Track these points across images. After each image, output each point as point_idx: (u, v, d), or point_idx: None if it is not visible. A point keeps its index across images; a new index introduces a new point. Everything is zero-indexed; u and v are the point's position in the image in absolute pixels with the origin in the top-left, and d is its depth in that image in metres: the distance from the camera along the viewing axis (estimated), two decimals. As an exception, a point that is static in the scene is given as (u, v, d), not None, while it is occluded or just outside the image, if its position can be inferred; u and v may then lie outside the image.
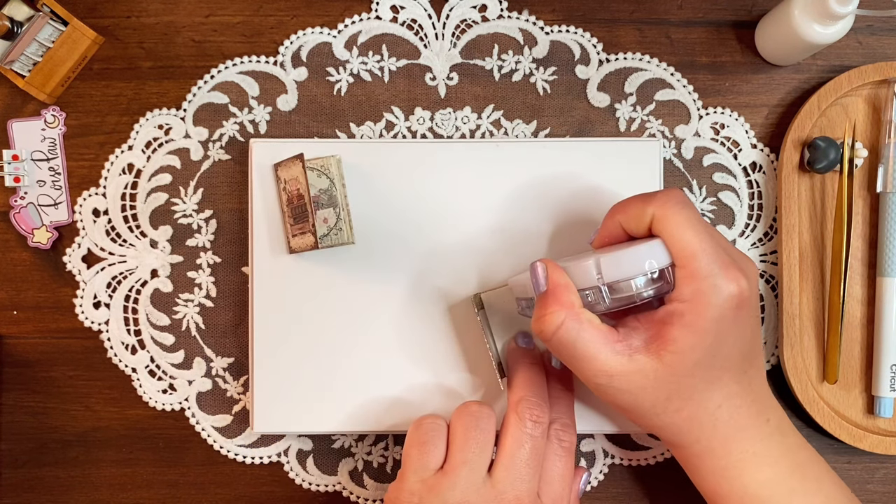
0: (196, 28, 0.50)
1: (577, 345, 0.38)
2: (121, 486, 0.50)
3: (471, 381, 0.48)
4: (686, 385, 0.38)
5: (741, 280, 0.38)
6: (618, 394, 0.39)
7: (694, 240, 0.38)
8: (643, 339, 0.39)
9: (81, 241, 0.50)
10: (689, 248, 0.37)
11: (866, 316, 0.50)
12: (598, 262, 0.38)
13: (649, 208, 0.39)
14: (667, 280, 0.38)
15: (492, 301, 0.46)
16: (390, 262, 0.48)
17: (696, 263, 0.37)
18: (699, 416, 0.39)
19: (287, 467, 0.50)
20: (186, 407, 0.50)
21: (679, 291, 0.38)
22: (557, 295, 0.39)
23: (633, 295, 0.38)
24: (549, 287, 0.39)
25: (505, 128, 0.50)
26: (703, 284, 0.37)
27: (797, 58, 0.49)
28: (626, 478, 0.51)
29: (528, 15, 0.50)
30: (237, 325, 0.50)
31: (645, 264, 0.38)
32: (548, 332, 0.39)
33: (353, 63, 0.50)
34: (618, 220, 0.41)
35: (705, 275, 0.37)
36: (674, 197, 0.39)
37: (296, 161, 0.46)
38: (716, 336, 0.38)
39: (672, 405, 0.39)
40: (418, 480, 0.41)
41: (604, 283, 0.38)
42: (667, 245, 0.38)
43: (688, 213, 0.38)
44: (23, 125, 0.50)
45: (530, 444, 0.41)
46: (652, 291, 0.38)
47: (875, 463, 0.51)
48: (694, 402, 0.39)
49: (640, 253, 0.38)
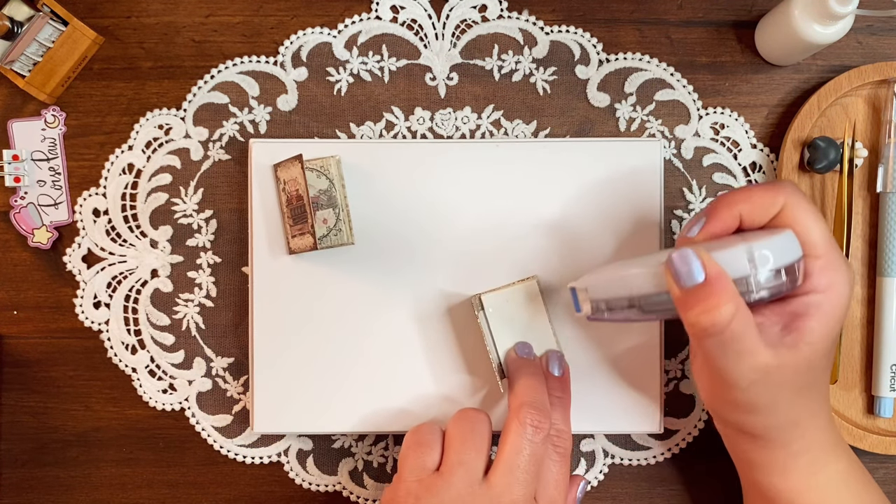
0: (196, 28, 0.50)
1: (744, 338, 0.36)
2: (121, 486, 0.50)
3: (471, 382, 0.48)
4: (815, 377, 0.39)
5: (851, 270, 0.39)
6: (765, 391, 0.38)
7: (826, 231, 0.39)
8: (777, 332, 0.38)
9: (81, 241, 0.50)
10: (823, 239, 0.38)
11: (866, 316, 0.50)
12: (750, 250, 0.36)
13: (780, 198, 0.39)
14: (796, 273, 0.38)
15: (493, 302, 0.46)
16: (390, 263, 0.48)
17: (832, 254, 0.38)
18: (818, 409, 0.40)
19: (287, 467, 0.50)
20: (186, 407, 0.50)
21: (814, 282, 0.38)
22: (723, 284, 0.36)
23: (782, 284, 0.36)
24: (709, 275, 0.36)
25: (505, 128, 0.50)
26: (837, 275, 0.38)
27: (797, 58, 0.49)
28: (626, 478, 0.51)
29: (528, 15, 0.50)
30: (237, 325, 0.50)
31: (796, 252, 0.37)
32: (720, 325, 0.35)
33: (353, 63, 0.50)
34: (737, 210, 0.39)
35: (838, 266, 0.38)
36: (798, 189, 0.39)
37: (295, 162, 0.46)
38: (839, 324, 0.39)
39: (801, 398, 0.39)
40: (415, 480, 0.41)
41: (756, 273, 0.36)
42: (800, 235, 0.38)
43: (813, 206, 0.39)
44: (23, 125, 0.50)
45: (529, 451, 0.41)
46: (788, 285, 0.37)
47: (875, 463, 0.51)
48: (812, 395, 0.39)
49: (789, 240, 0.37)
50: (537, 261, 0.48)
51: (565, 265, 0.48)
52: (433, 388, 0.48)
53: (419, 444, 0.42)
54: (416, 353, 0.48)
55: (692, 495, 0.51)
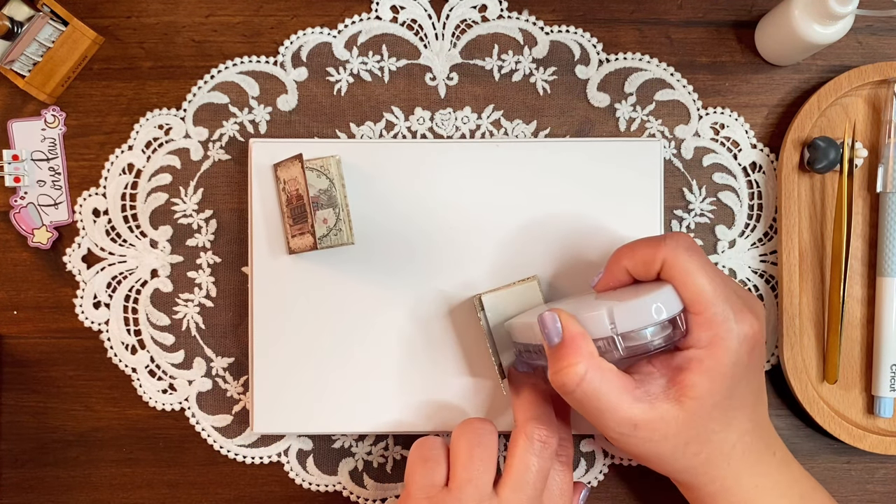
0: (196, 28, 0.50)
1: (599, 396, 0.38)
2: (121, 486, 0.50)
3: (472, 383, 0.48)
4: (705, 429, 0.39)
5: (754, 322, 0.38)
6: (641, 443, 0.39)
7: (708, 286, 0.38)
8: (661, 386, 0.39)
9: (81, 241, 0.50)
10: (703, 295, 0.38)
11: (866, 316, 0.50)
12: (611, 312, 0.38)
13: (659, 254, 0.39)
14: (678, 327, 0.38)
15: (493, 302, 0.46)
16: (390, 263, 0.48)
17: (713, 309, 0.38)
18: (715, 457, 0.40)
19: (287, 467, 0.50)
20: (186, 407, 0.50)
21: (695, 337, 0.38)
22: (576, 346, 0.38)
23: (647, 343, 0.38)
24: (565, 337, 0.38)
25: (505, 128, 0.50)
26: (720, 330, 0.37)
27: (797, 58, 0.49)
28: (626, 478, 0.51)
29: (528, 15, 0.50)
30: (237, 325, 0.50)
31: (655, 314, 0.38)
32: (571, 385, 0.38)
33: (353, 63, 0.50)
34: (624, 265, 0.41)
35: (721, 320, 0.38)
36: (683, 242, 0.39)
37: (295, 161, 0.46)
38: (732, 378, 0.38)
39: (690, 449, 0.39)
40: (424, 497, 0.41)
41: (618, 332, 0.38)
42: (678, 291, 0.38)
43: (698, 259, 0.38)
44: (23, 125, 0.50)
45: (538, 466, 0.41)
46: (662, 340, 0.38)
47: (875, 463, 0.51)
48: (711, 445, 0.39)
49: (652, 301, 0.38)
50: (537, 261, 0.48)
51: (565, 265, 0.48)
52: (433, 388, 0.48)
53: (425, 459, 0.42)
54: (416, 353, 0.48)
55: (692, 495, 0.50)
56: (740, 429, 0.40)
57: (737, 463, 0.40)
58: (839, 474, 0.51)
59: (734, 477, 0.40)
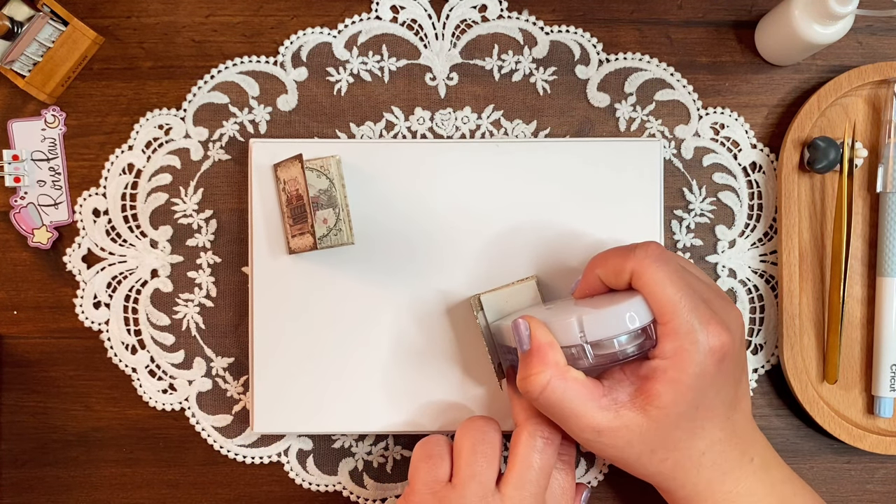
0: (196, 28, 0.50)
1: (563, 403, 0.39)
2: (121, 486, 0.50)
3: (471, 382, 0.48)
4: (671, 437, 0.39)
5: (723, 334, 0.38)
6: (605, 448, 0.39)
7: (675, 296, 0.38)
8: (628, 394, 0.39)
9: (81, 241, 0.50)
10: (668, 305, 0.38)
11: (866, 316, 0.50)
12: (580, 321, 0.38)
13: (628, 264, 0.39)
14: (649, 336, 0.39)
15: (492, 302, 0.46)
16: (390, 263, 0.48)
17: (677, 320, 0.38)
18: (683, 463, 0.40)
19: (287, 467, 0.50)
20: (186, 407, 0.50)
21: (661, 348, 0.38)
22: (542, 354, 0.39)
23: (617, 352, 0.38)
24: (532, 346, 0.39)
25: (505, 128, 0.50)
26: (684, 341, 0.37)
27: (797, 58, 0.49)
28: (625, 478, 0.51)
29: (528, 15, 0.50)
30: (237, 325, 0.50)
31: (627, 323, 0.38)
32: (534, 392, 0.39)
33: (353, 63, 0.50)
34: (597, 273, 0.41)
35: (686, 331, 0.37)
36: (652, 253, 0.39)
37: (295, 161, 0.46)
38: (698, 390, 0.38)
39: (657, 456, 0.39)
40: (429, 493, 0.41)
41: (587, 340, 0.38)
42: (647, 301, 0.38)
43: (666, 269, 0.38)
44: (23, 125, 0.50)
45: (540, 463, 0.41)
46: (634, 348, 0.38)
47: (875, 463, 0.51)
48: (679, 452, 0.39)
49: (622, 311, 0.38)
50: (537, 261, 0.48)
51: (565, 265, 0.48)
52: (433, 387, 0.48)
53: (429, 456, 0.42)
54: (415, 352, 0.48)
55: (692, 495, 0.50)
56: (710, 437, 0.40)
57: (707, 470, 0.40)
58: (839, 474, 0.51)
59: (705, 483, 0.40)
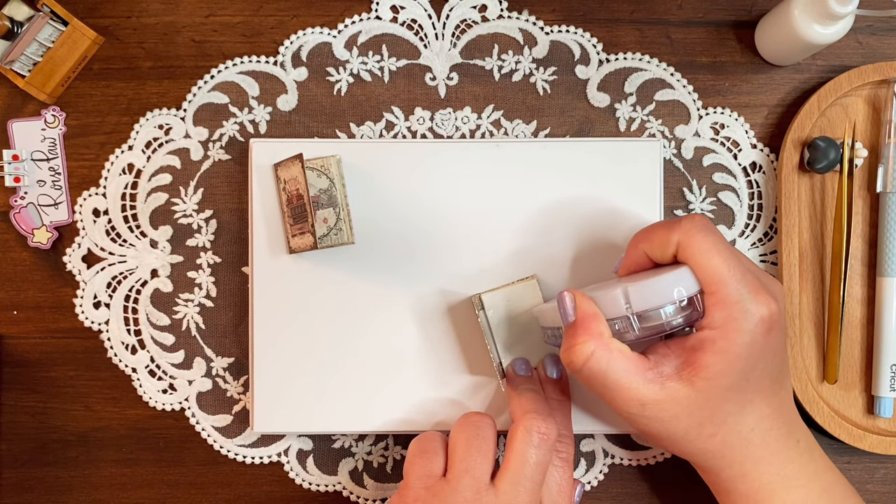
0: (196, 28, 0.50)
1: (608, 375, 0.38)
2: (121, 486, 0.50)
3: (471, 382, 0.48)
4: (719, 410, 0.38)
5: (771, 303, 0.38)
6: (650, 422, 0.39)
7: (722, 266, 0.38)
8: (674, 366, 0.38)
9: (81, 241, 0.50)
10: (717, 275, 0.37)
11: (866, 316, 0.50)
12: (626, 292, 0.38)
13: (674, 236, 0.39)
14: (696, 307, 0.38)
15: (493, 301, 0.46)
16: (390, 263, 0.48)
17: (726, 289, 0.37)
18: (731, 440, 0.39)
19: (287, 467, 0.50)
20: (186, 407, 0.50)
21: (710, 318, 0.38)
22: (587, 325, 0.39)
23: (663, 323, 0.38)
24: (577, 317, 0.39)
25: (505, 128, 0.50)
26: (734, 310, 0.37)
27: (797, 58, 0.49)
28: (626, 478, 0.51)
29: (528, 15, 0.50)
30: (237, 325, 0.50)
31: (674, 293, 0.38)
32: (578, 363, 0.38)
33: (353, 63, 0.50)
34: (641, 248, 0.41)
35: (735, 300, 0.37)
36: (698, 223, 0.39)
37: (295, 161, 0.46)
38: (747, 360, 0.38)
39: (705, 431, 0.39)
40: (423, 487, 0.41)
41: (633, 312, 0.38)
42: (694, 272, 0.38)
43: (713, 239, 0.38)
44: (23, 125, 0.50)
45: (535, 459, 0.41)
46: (681, 319, 0.38)
47: (875, 463, 0.51)
48: (727, 427, 0.39)
49: (668, 281, 0.38)
50: (537, 260, 0.48)
51: (565, 265, 0.48)
52: (433, 387, 0.48)
53: (423, 451, 0.42)
54: (416, 352, 0.48)
55: (692, 495, 0.50)
56: (758, 413, 0.39)
57: (756, 449, 0.39)
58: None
59: (753, 462, 0.40)
